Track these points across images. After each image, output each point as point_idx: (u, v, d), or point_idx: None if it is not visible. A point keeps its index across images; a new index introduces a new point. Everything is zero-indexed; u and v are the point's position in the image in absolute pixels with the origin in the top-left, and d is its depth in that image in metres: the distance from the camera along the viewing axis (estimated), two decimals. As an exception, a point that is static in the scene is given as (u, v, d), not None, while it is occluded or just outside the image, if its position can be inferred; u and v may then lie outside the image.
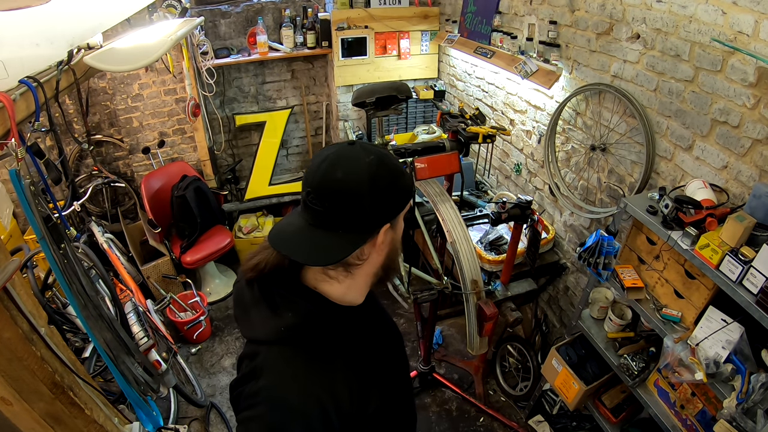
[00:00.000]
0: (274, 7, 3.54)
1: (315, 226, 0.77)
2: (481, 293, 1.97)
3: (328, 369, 0.82)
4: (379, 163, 0.77)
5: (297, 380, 0.79)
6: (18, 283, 1.25)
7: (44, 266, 2.15)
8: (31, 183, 1.23)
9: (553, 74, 2.34)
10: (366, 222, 0.78)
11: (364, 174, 0.75)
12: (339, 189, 0.75)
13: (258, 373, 0.80)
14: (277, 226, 0.83)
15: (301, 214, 0.80)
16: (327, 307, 0.84)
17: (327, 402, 0.78)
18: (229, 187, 3.99)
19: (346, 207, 0.75)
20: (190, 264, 3.31)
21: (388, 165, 0.78)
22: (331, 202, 0.75)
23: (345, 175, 0.75)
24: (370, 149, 0.79)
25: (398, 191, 0.80)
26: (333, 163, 0.76)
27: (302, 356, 0.81)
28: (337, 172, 0.75)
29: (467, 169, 3.12)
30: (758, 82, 1.46)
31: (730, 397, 1.35)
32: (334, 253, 0.77)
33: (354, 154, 0.77)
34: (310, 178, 0.77)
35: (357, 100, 2.37)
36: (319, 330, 0.82)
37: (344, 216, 0.76)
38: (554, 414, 2.53)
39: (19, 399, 1.23)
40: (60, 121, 3.23)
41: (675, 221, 1.53)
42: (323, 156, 0.78)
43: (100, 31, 1.79)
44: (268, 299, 0.82)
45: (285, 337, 0.81)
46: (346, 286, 0.85)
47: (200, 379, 2.93)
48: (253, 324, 0.84)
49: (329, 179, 0.75)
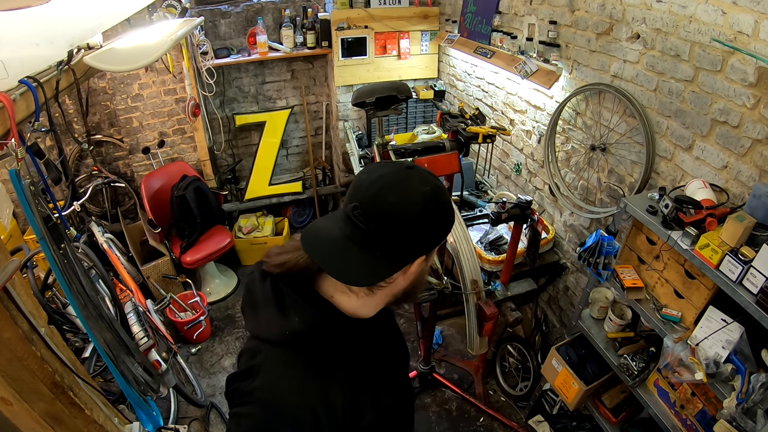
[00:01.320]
0: (274, 7, 3.54)
1: (354, 242, 0.75)
2: (481, 293, 1.97)
3: (326, 378, 0.82)
4: (433, 197, 0.75)
5: (293, 385, 0.79)
6: (18, 283, 1.24)
7: (44, 266, 2.15)
8: (31, 183, 1.23)
9: (553, 74, 2.34)
10: (407, 252, 0.77)
11: (418, 206, 0.73)
12: (389, 213, 0.72)
13: (256, 372, 0.81)
14: (313, 227, 0.81)
15: (341, 224, 0.77)
16: (336, 318, 0.83)
17: (320, 411, 0.78)
18: (229, 187, 3.99)
19: (391, 233, 0.73)
20: (190, 264, 3.31)
21: (440, 200, 0.76)
22: (377, 224, 0.73)
23: (399, 202, 0.72)
24: (428, 179, 0.77)
25: (444, 226, 0.79)
26: (389, 184, 0.74)
27: (302, 362, 0.81)
28: (391, 195, 0.73)
29: (467, 169, 3.12)
30: (758, 82, 1.46)
31: (730, 397, 1.35)
32: (368, 276, 0.75)
33: (412, 182, 0.75)
34: (359, 193, 0.74)
35: (357, 100, 2.37)
36: (322, 340, 0.82)
37: (387, 242, 0.74)
38: (554, 414, 2.53)
39: (19, 399, 1.23)
40: (60, 121, 3.23)
41: (675, 221, 1.53)
42: (379, 173, 0.76)
43: (100, 31, 1.79)
44: (279, 299, 0.82)
45: (288, 340, 0.80)
46: (362, 302, 0.84)
47: (200, 379, 2.93)
48: (260, 321, 0.84)
49: (381, 201, 0.73)
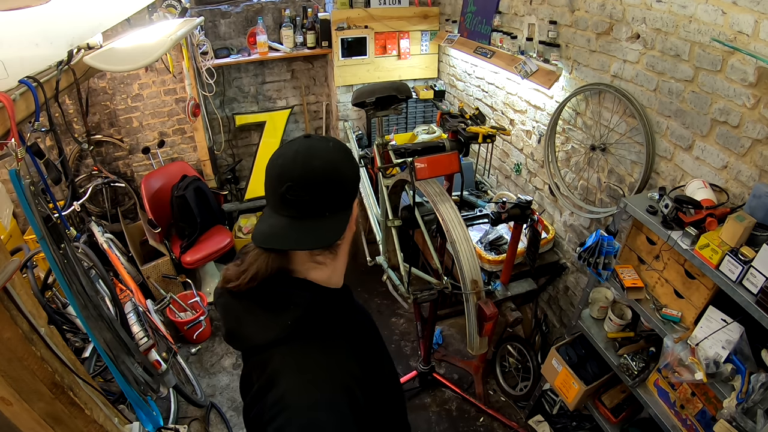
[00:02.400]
0: (274, 7, 3.54)
1: (302, 218, 0.80)
2: (481, 293, 1.96)
3: (339, 351, 0.84)
4: (340, 146, 0.85)
5: (318, 373, 0.79)
6: (18, 283, 1.24)
7: (44, 266, 2.15)
8: (31, 183, 1.23)
9: (552, 74, 2.34)
10: (348, 198, 0.85)
11: (336, 157, 0.82)
12: (322, 175, 0.80)
13: (275, 379, 0.78)
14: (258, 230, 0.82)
15: (281, 212, 0.81)
16: (323, 292, 0.87)
17: (346, 381, 0.80)
18: (229, 187, 3.99)
19: (331, 190, 0.81)
20: (190, 264, 3.31)
21: (343, 146, 0.86)
22: (316, 189, 0.79)
23: (324, 162, 0.80)
24: (326, 137, 0.86)
25: (356, 164, 0.88)
26: (306, 155, 0.80)
27: (312, 345, 0.82)
28: (313, 160, 0.79)
29: (467, 169, 3.12)
30: (758, 82, 1.46)
31: (730, 397, 1.35)
32: (333, 234, 0.81)
33: (319, 143, 0.82)
34: (285, 176, 0.79)
35: (357, 100, 2.37)
36: (323, 316, 0.85)
37: (329, 199, 0.81)
38: (554, 414, 2.53)
39: (19, 399, 1.23)
40: (60, 121, 3.23)
41: (675, 221, 1.53)
42: (291, 153, 0.81)
43: (100, 31, 1.79)
44: (263, 302, 0.83)
45: (292, 332, 0.81)
46: (331, 269, 0.89)
47: (200, 379, 2.93)
48: (252, 332, 0.83)
49: (309, 169, 0.79)
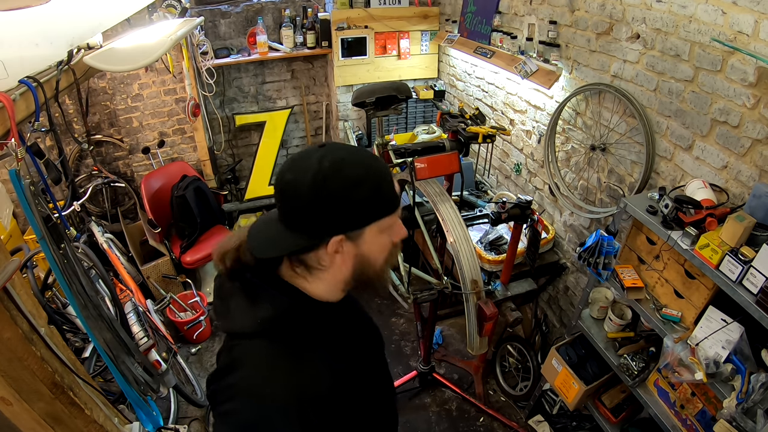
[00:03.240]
0: (274, 7, 3.54)
1: (278, 220, 0.80)
2: (481, 293, 1.97)
3: (307, 363, 0.81)
4: (334, 170, 0.73)
5: (275, 372, 0.79)
6: (18, 283, 1.25)
7: (44, 266, 2.15)
8: (31, 183, 1.23)
9: (552, 74, 2.34)
10: (310, 226, 0.77)
11: (308, 178, 0.73)
12: (285, 189, 0.77)
13: (236, 365, 0.80)
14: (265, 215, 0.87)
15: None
16: (303, 301, 0.84)
17: (304, 395, 0.78)
18: (229, 187, 3.99)
19: (290, 207, 0.78)
20: (190, 264, 3.31)
21: (343, 173, 0.74)
22: (281, 201, 0.79)
23: (293, 177, 0.75)
24: (334, 155, 0.76)
25: (349, 203, 0.75)
26: (291, 163, 0.78)
27: (280, 348, 0.81)
28: (288, 173, 0.77)
29: (467, 169, 3.12)
30: (758, 82, 1.46)
31: (730, 397, 1.35)
32: (276, 247, 0.80)
33: (311, 160, 0.75)
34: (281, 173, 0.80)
35: (357, 100, 2.37)
36: (296, 323, 0.82)
37: (291, 215, 0.78)
38: (554, 414, 2.53)
39: (19, 399, 1.23)
40: (60, 121, 3.23)
41: (675, 221, 1.53)
42: (293, 155, 0.81)
43: (100, 31, 1.79)
44: (247, 290, 0.83)
45: (263, 329, 0.81)
46: (315, 286, 0.85)
47: (200, 379, 2.93)
48: (233, 316, 0.84)
49: (280, 179, 0.78)
